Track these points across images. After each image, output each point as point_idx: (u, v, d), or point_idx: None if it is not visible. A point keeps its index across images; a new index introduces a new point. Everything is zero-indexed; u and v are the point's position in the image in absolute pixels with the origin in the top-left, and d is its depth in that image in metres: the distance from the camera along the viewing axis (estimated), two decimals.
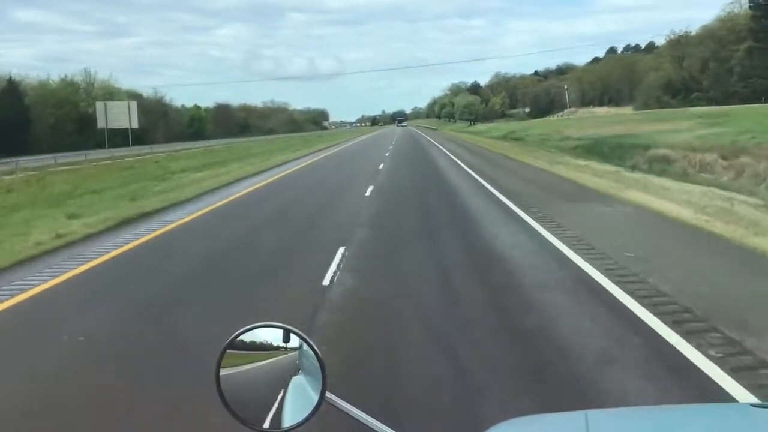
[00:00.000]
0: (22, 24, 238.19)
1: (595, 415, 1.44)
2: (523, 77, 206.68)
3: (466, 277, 8.09)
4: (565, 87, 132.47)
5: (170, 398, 4.50)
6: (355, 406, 1.43)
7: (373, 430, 1.40)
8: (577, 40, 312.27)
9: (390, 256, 9.35)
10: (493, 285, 7.47)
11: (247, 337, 1.48)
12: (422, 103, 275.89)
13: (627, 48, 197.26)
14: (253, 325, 1.50)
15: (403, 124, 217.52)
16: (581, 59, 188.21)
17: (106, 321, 6.51)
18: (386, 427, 1.40)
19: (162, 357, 5.38)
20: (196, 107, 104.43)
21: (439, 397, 4.43)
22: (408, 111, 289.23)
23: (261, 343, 1.48)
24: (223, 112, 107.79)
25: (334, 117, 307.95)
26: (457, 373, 4.92)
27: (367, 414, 1.42)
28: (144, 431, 4.19)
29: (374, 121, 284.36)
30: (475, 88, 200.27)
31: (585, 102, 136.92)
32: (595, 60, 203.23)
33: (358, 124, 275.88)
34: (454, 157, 32.78)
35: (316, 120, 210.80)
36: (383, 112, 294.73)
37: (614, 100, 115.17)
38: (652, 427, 1.42)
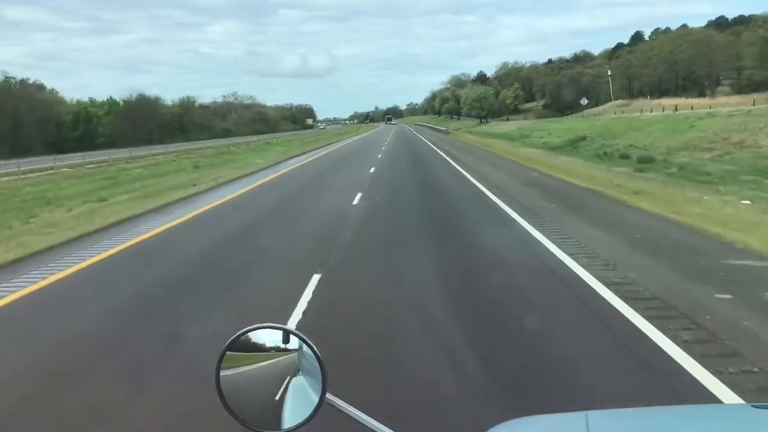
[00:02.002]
0: (12, 22, 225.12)
1: (595, 415, 1.42)
2: (535, 66, 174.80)
3: None
4: (609, 73, 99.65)
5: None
6: (355, 407, 1.39)
7: (373, 430, 1.38)
8: (570, 34, 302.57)
9: None
10: None
11: (246, 339, 1.44)
12: (418, 99, 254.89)
13: (657, 31, 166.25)
14: (252, 327, 1.46)
15: (392, 122, 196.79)
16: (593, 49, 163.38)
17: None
18: (386, 428, 1.38)
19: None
20: (90, 101, 70.47)
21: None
22: (403, 107, 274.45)
23: (261, 345, 1.45)
24: (137, 109, 73.95)
25: (327, 114, 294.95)
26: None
27: (367, 415, 1.38)
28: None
29: (367, 117, 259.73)
30: (481, 80, 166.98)
31: (633, 92, 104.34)
32: (620, 46, 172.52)
33: (346, 122, 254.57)
34: None
35: (296, 118, 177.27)
36: (376, 108, 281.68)
37: (686, 89, 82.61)
38: (653, 427, 1.40)
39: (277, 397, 1.41)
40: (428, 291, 7.23)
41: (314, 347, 1.43)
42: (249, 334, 1.45)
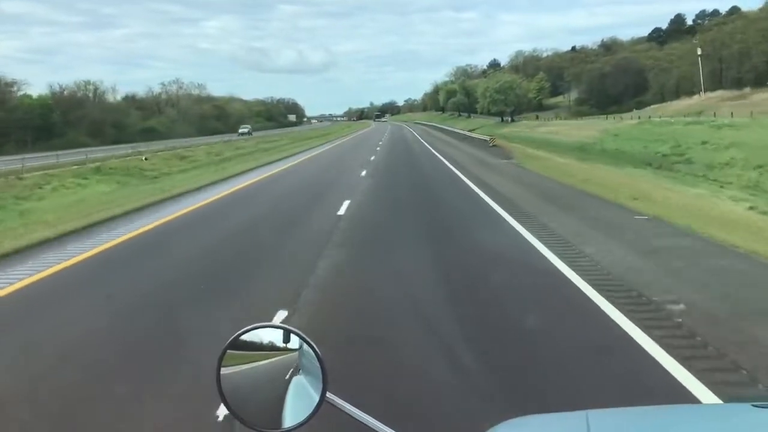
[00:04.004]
0: (8, 16, 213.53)
1: (596, 414, 1.40)
2: (558, 54, 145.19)
3: None
4: (699, 53, 68.04)
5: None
6: (356, 407, 1.36)
7: (374, 430, 1.36)
8: (570, 32, 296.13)
9: None
10: None
11: (247, 338, 1.43)
12: (416, 95, 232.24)
13: (702, 15, 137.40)
14: (253, 326, 1.44)
15: (383, 119, 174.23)
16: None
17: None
18: (386, 427, 1.35)
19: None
20: None
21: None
22: (401, 103, 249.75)
23: (261, 344, 1.43)
24: None
25: (322, 110, 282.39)
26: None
27: (367, 414, 1.36)
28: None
29: (361, 114, 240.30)
30: (494, 69, 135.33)
31: (721, 79, 72.92)
32: (658, 31, 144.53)
33: (336, 119, 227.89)
34: None
35: (272, 114, 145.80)
36: (371, 104, 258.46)
37: None
38: (653, 427, 1.38)
39: (278, 397, 1.38)
40: None
41: (314, 346, 1.39)
42: (249, 333, 1.42)
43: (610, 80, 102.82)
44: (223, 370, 1.38)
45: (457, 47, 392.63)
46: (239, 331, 1.42)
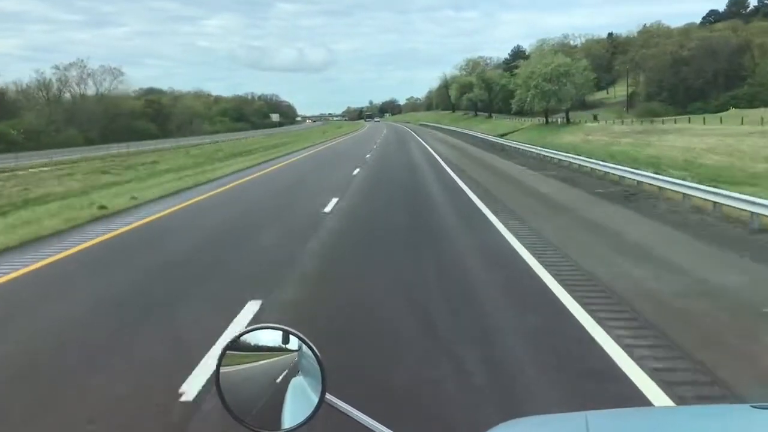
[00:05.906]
0: (7, 14, 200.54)
1: (595, 416, 1.39)
2: (596, 41, 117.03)
3: None
4: None
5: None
6: (355, 408, 1.35)
7: (372, 430, 1.34)
8: (572, 30, 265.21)
9: None
10: None
11: (246, 339, 1.42)
12: (417, 93, 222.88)
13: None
14: (252, 327, 1.44)
15: (375, 119, 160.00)
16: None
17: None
18: (386, 428, 1.33)
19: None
20: None
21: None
22: (402, 102, 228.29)
23: (260, 345, 1.43)
24: None
25: (322, 109, 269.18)
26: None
27: (366, 415, 1.34)
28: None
29: (360, 114, 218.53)
30: (513, 59, 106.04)
31: None
32: (714, 13, 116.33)
33: (330, 118, 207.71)
34: None
35: (243, 114, 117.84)
36: (370, 102, 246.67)
37: None
38: (653, 427, 1.38)
39: (277, 398, 1.37)
40: None
41: (314, 347, 1.38)
42: (249, 334, 1.42)
43: (690, 68, 73.93)
44: (223, 371, 1.35)
45: (456, 46, 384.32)
46: (238, 332, 1.39)
